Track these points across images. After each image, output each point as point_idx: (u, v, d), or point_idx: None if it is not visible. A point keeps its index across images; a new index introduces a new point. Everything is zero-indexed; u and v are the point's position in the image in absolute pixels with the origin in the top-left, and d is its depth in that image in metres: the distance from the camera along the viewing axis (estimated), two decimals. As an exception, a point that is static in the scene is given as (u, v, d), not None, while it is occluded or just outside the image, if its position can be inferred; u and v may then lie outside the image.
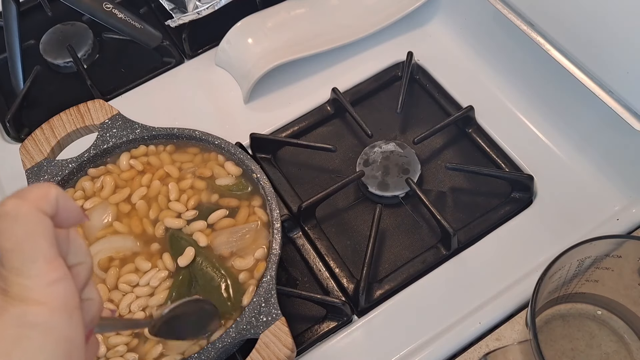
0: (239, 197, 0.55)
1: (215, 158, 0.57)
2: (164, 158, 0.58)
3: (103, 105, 0.59)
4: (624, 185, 0.60)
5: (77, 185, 0.57)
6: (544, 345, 0.53)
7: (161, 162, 0.57)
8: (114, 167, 0.57)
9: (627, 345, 0.52)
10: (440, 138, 0.67)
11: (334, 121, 0.70)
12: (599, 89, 0.57)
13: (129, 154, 0.58)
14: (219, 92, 0.73)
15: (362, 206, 0.64)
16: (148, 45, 0.74)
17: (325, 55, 0.72)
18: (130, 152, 0.58)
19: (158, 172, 0.57)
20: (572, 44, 0.58)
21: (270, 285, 0.49)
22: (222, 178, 0.56)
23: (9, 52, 0.74)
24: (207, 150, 0.58)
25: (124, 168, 0.57)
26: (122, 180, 0.57)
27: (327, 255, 0.60)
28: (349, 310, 0.56)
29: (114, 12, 0.72)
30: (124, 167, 0.57)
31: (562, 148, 0.64)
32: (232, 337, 0.47)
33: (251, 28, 0.73)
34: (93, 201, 0.56)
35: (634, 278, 0.49)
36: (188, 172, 0.57)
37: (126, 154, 0.58)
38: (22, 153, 0.57)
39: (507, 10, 0.63)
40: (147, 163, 0.58)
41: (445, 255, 0.59)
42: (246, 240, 0.53)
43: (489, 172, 0.63)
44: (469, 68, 0.71)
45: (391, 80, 0.72)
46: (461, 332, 0.54)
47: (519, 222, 0.60)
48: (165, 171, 0.57)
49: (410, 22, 0.75)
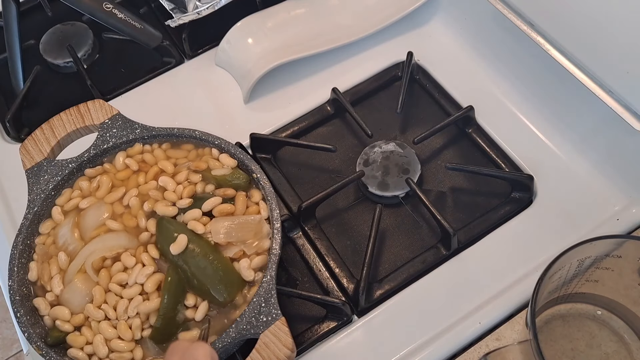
0: (236, 186, 0.55)
1: (210, 152, 0.57)
2: (159, 154, 0.58)
3: (103, 105, 0.59)
4: (624, 185, 0.60)
5: (74, 185, 0.57)
6: (544, 345, 0.53)
7: (155, 158, 0.57)
8: (110, 166, 0.58)
9: (627, 345, 0.52)
10: (440, 138, 0.67)
11: (334, 121, 0.70)
12: (599, 89, 0.57)
13: (125, 153, 0.58)
14: (219, 92, 0.73)
15: (362, 206, 0.64)
16: (148, 45, 0.74)
17: (325, 55, 0.72)
18: (127, 151, 0.58)
19: (153, 169, 0.57)
20: (572, 44, 0.58)
21: (270, 285, 0.49)
22: (217, 169, 0.56)
23: (9, 52, 0.74)
24: (201, 145, 0.58)
25: (119, 167, 0.57)
26: (118, 180, 0.57)
27: (327, 255, 0.60)
28: (349, 310, 0.56)
29: (114, 12, 0.72)
30: (119, 167, 0.57)
31: (562, 148, 0.64)
32: (232, 337, 0.47)
33: (251, 28, 0.73)
34: (89, 200, 0.56)
35: (634, 278, 0.49)
36: (183, 167, 0.57)
37: (122, 153, 0.58)
38: (22, 153, 0.57)
39: (507, 10, 0.63)
40: (142, 161, 0.58)
41: (445, 255, 0.59)
42: (246, 233, 0.52)
43: (489, 172, 0.63)
44: (469, 68, 0.71)
45: (391, 80, 0.72)
46: (461, 332, 0.54)
47: (519, 222, 0.60)
48: (160, 167, 0.57)
49: (410, 22, 0.75)
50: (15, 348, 1.42)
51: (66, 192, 0.57)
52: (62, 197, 0.56)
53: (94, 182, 0.57)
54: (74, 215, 0.55)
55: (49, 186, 0.55)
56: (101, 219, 0.55)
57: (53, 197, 0.56)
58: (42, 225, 0.55)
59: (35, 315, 0.51)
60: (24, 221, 0.54)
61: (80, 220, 0.55)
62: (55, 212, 0.55)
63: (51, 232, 0.55)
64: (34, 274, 0.53)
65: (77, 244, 0.53)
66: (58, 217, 0.55)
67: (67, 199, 0.56)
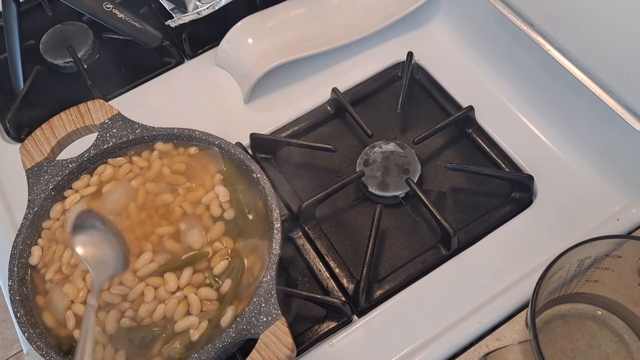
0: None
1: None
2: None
3: (103, 105, 0.59)
4: (624, 185, 0.60)
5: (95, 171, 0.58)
6: (544, 345, 0.53)
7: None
8: (138, 159, 0.58)
9: (627, 345, 0.52)
10: (440, 138, 0.67)
11: (334, 121, 0.70)
12: (599, 89, 0.57)
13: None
14: (219, 92, 0.73)
15: (362, 206, 0.64)
16: (148, 45, 0.74)
17: (325, 55, 0.72)
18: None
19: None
20: (572, 44, 0.58)
21: (270, 285, 0.49)
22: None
23: (9, 52, 0.74)
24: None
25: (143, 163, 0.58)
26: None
27: (327, 255, 0.60)
28: (349, 310, 0.56)
29: (114, 12, 0.72)
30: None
31: (562, 148, 0.64)
32: (232, 337, 0.47)
33: (251, 28, 0.73)
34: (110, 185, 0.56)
35: (634, 278, 0.49)
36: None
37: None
38: (22, 153, 0.57)
39: (507, 10, 0.63)
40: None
41: (445, 255, 0.59)
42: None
43: (489, 172, 0.63)
44: (469, 68, 0.71)
45: (391, 80, 0.72)
46: (461, 332, 0.54)
47: (519, 222, 0.60)
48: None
49: (410, 22, 0.75)
50: (16, 348, 1.42)
51: (84, 177, 0.57)
52: (79, 181, 0.57)
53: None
54: (89, 200, 0.55)
55: (49, 186, 0.55)
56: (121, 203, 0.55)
57: (53, 197, 0.56)
58: (53, 209, 0.55)
59: (35, 316, 0.51)
60: (24, 221, 0.54)
61: (97, 205, 0.55)
62: (68, 194, 0.56)
63: (61, 217, 0.55)
64: (35, 258, 0.53)
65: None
66: (70, 200, 0.55)
67: (85, 183, 0.57)
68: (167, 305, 0.50)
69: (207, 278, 0.51)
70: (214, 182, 0.56)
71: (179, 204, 0.55)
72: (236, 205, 0.54)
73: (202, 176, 0.56)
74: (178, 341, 0.49)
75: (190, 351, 0.48)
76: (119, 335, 0.49)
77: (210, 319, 0.49)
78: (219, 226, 0.54)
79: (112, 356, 0.49)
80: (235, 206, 0.54)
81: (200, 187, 0.56)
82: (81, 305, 0.51)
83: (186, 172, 0.57)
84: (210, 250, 0.52)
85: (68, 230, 0.53)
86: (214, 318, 0.49)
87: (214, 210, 0.54)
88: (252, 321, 0.48)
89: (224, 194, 0.55)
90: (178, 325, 0.49)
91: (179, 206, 0.55)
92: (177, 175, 0.56)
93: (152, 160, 0.57)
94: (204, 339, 0.48)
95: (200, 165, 0.57)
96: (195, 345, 0.48)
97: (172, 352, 0.48)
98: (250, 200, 0.54)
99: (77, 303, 0.51)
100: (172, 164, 0.57)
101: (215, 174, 0.56)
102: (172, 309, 0.50)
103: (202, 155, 0.57)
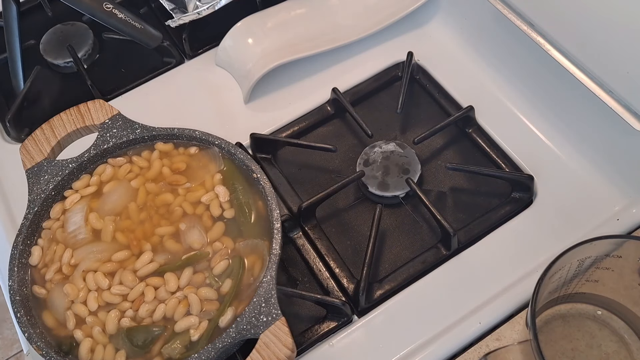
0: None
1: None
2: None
3: (103, 105, 0.59)
4: (624, 185, 0.60)
5: (95, 171, 0.58)
6: (544, 345, 0.53)
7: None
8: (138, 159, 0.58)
9: (628, 345, 0.52)
10: (440, 138, 0.67)
11: (334, 121, 0.70)
12: (599, 89, 0.57)
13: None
14: (219, 92, 0.73)
15: (362, 206, 0.64)
16: (148, 45, 0.74)
17: (325, 55, 0.72)
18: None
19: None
20: (572, 44, 0.58)
21: (270, 285, 0.49)
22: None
23: (9, 52, 0.74)
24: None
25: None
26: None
27: (327, 255, 0.60)
28: (349, 310, 0.56)
29: (114, 12, 0.72)
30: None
31: (562, 148, 0.64)
32: (232, 337, 0.47)
33: (251, 28, 0.73)
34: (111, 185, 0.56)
35: (634, 278, 0.49)
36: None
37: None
38: (22, 153, 0.57)
39: (507, 10, 0.63)
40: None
41: (445, 255, 0.59)
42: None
43: (489, 172, 0.63)
44: (469, 68, 0.71)
45: (391, 80, 0.72)
46: (461, 332, 0.54)
47: (519, 222, 0.60)
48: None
49: (410, 22, 0.75)
50: (16, 348, 1.42)
51: (84, 177, 0.57)
52: (79, 181, 0.57)
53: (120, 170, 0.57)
54: (88, 200, 0.55)
55: (49, 186, 0.55)
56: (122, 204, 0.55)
57: (53, 197, 0.56)
58: (53, 209, 0.55)
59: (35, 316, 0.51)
60: (24, 221, 0.54)
61: (97, 205, 0.55)
62: (68, 194, 0.56)
63: (61, 217, 0.55)
64: (35, 258, 0.53)
65: (87, 236, 0.53)
66: (70, 200, 0.55)
67: (85, 183, 0.56)
68: (167, 305, 0.50)
69: (208, 278, 0.51)
70: (214, 182, 0.56)
71: (179, 204, 0.55)
72: (236, 205, 0.54)
73: (202, 176, 0.56)
74: (178, 341, 0.49)
75: (190, 351, 0.48)
76: (119, 335, 0.49)
77: (211, 319, 0.49)
78: (219, 226, 0.54)
79: (112, 356, 0.49)
80: (235, 206, 0.54)
81: (200, 187, 0.56)
82: (81, 305, 0.51)
83: (186, 172, 0.57)
84: (211, 250, 0.52)
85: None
86: (214, 318, 0.49)
87: (214, 210, 0.54)
88: (252, 321, 0.48)
89: (224, 194, 0.55)
90: (178, 325, 0.49)
91: (179, 206, 0.55)
92: (177, 175, 0.56)
93: (152, 160, 0.57)
94: (204, 339, 0.48)
95: (200, 165, 0.57)
96: (195, 345, 0.48)
97: (172, 352, 0.48)
98: (250, 200, 0.54)
99: (77, 303, 0.51)
100: (172, 164, 0.57)
101: (215, 174, 0.56)
102: (172, 309, 0.50)
103: (202, 155, 0.57)
